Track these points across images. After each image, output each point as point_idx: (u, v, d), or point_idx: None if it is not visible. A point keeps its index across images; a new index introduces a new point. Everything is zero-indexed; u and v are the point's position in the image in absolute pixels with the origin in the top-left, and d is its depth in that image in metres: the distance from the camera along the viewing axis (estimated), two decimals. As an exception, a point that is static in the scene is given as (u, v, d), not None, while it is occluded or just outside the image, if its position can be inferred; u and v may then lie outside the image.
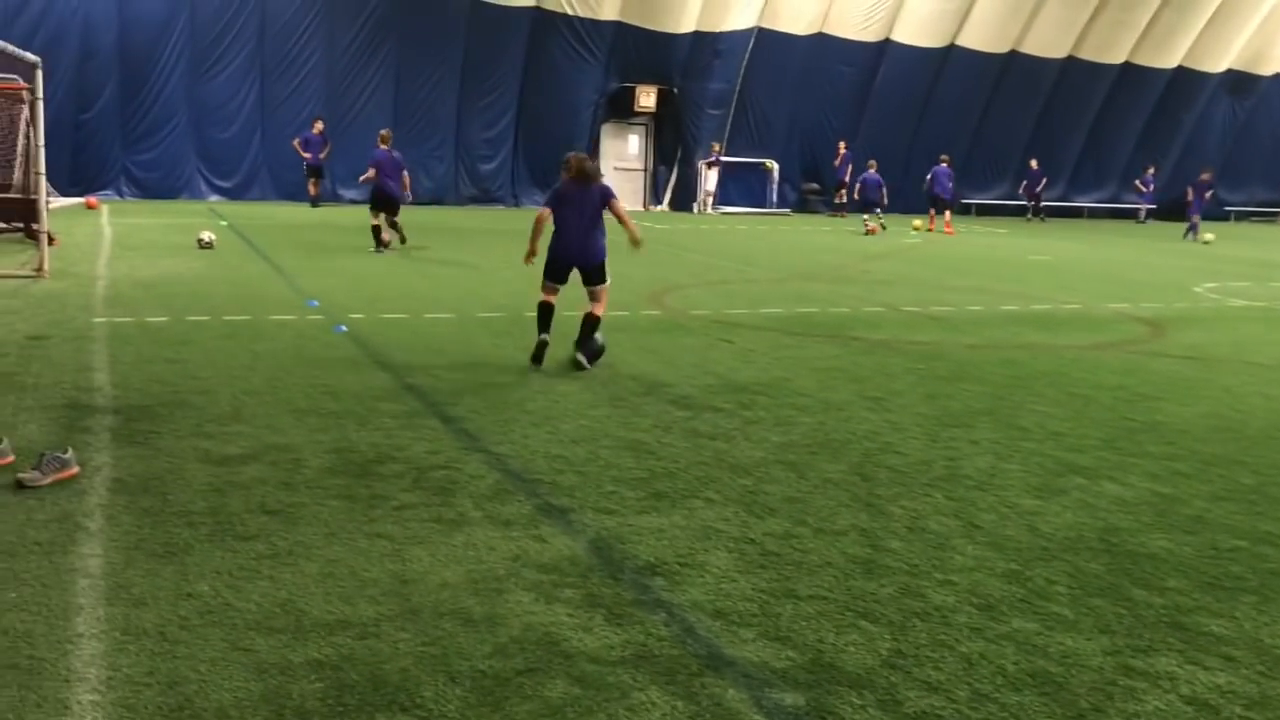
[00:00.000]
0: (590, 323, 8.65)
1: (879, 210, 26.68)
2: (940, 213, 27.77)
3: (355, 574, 4.37)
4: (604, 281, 8.79)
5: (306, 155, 26.98)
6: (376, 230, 16.98)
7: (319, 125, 27.06)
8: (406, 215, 18.05)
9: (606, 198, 8.69)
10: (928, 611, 4.18)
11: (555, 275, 8.81)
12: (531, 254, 8.82)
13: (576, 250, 8.69)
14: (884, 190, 27.50)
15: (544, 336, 8.63)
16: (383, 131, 17.98)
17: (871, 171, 27.48)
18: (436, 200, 30.26)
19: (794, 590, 4.37)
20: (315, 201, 27.12)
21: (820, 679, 3.62)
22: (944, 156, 29.16)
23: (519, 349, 9.32)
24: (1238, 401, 8.22)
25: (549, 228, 8.73)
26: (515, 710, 3.35)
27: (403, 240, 17.64)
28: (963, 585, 4.46)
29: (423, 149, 30.08)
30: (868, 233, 25.35)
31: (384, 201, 17.05)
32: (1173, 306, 13.94)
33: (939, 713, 3.41)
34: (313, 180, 27.23)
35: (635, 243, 8.90)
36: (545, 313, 8.72)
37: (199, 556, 4.49)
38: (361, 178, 18.24)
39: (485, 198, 31.13)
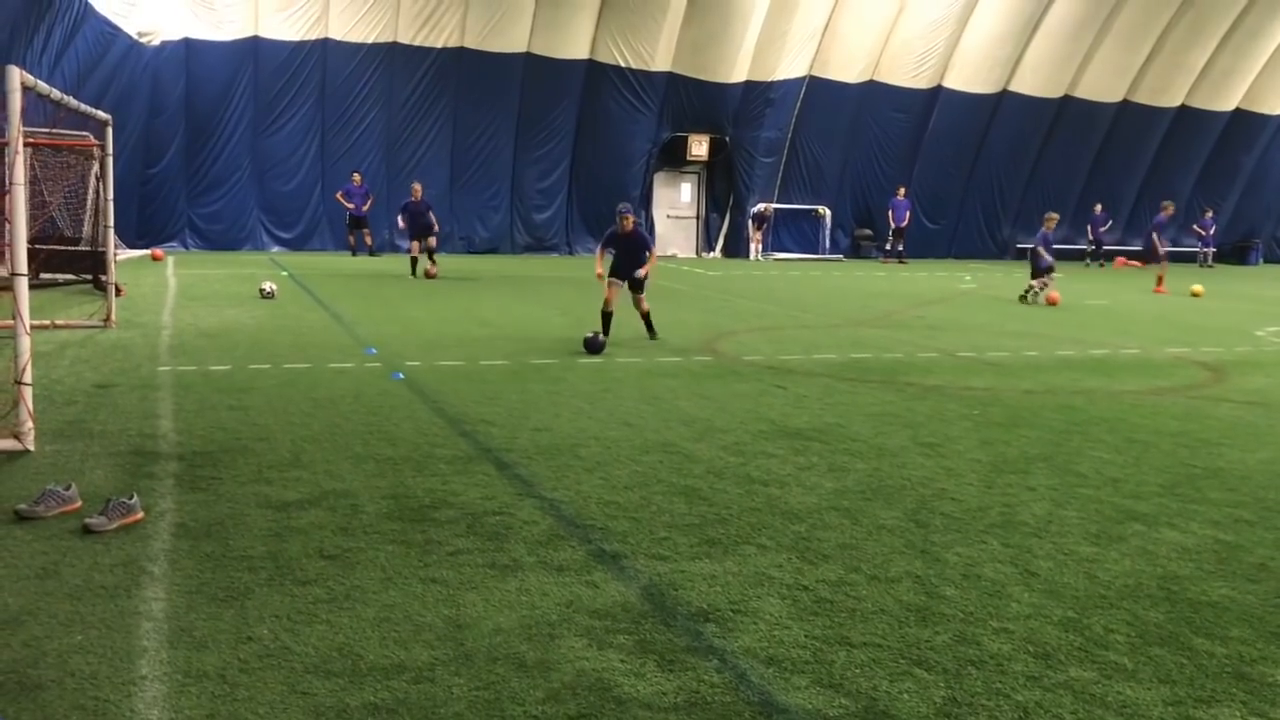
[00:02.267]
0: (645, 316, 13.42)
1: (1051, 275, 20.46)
2: (898, 241, 30.53)
3: (410, 618, 4.42)
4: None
5: (350, 206, 27.58)
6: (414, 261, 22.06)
7: (358, 177, 27.71)
8: (463, 263, 18.28)
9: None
10: (983, 659, 4.14)
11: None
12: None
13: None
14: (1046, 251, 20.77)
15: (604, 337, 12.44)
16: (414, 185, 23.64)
17: (1046, 229, 21.33)
18: (492, 249, 30.65)
19: (847, 637, 4.35)
20: (355, 251, 27.70)
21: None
22: (900, 188, 31.82)
23: (571, 395, 9.39)
24: (1303, 447, 8.06)
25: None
26: (568, 755, 3.38)
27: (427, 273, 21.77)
28: (1019, 633, 4.41)
29: (479, 199, 30.54)
30: (1049, 302, 19.87)
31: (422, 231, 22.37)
32: (1234, 351, 13.71)
33: (994, 763, 3.38)
34: (354, 231, 27.80)
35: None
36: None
37: (259, 600, 4.57)
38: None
39: (540, 246, 31.46)
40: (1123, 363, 12.48)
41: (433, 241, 22.48)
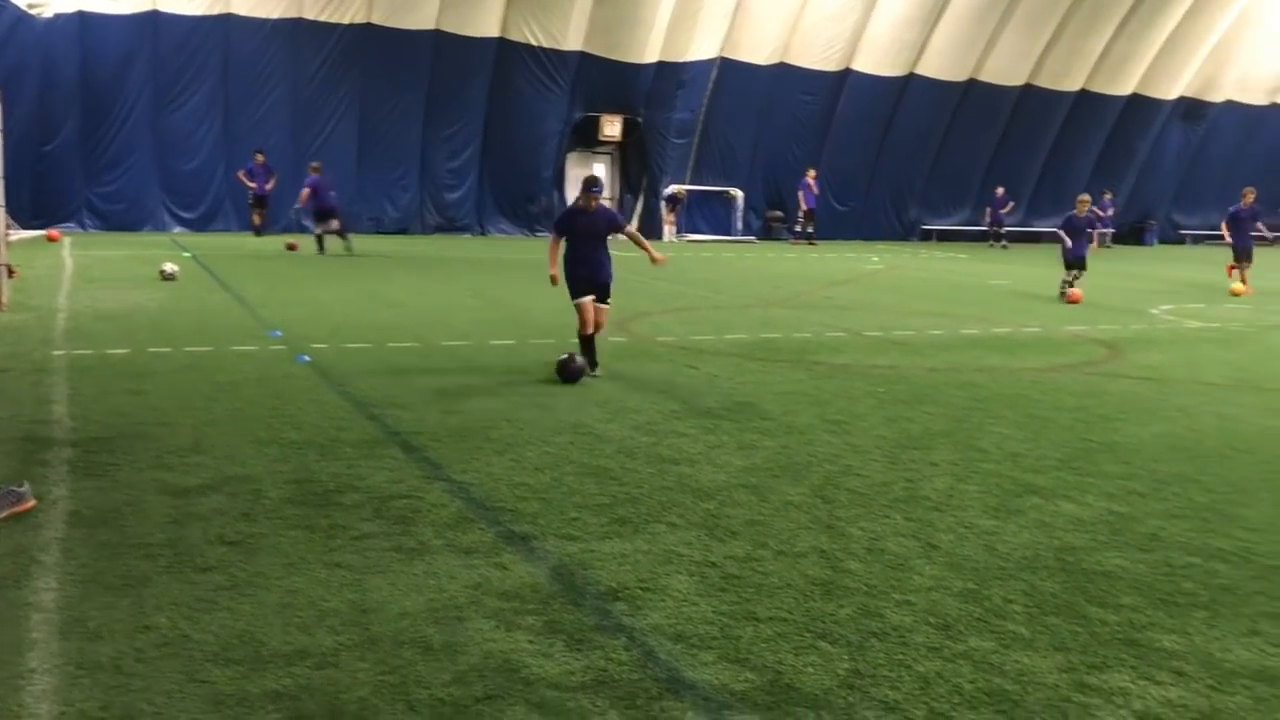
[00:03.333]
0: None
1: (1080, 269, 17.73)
2: (808, 222, 30.76)
3: (314, 604, 4.35)
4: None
5: (252, 185, 26.83)
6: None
7: (260, 157, 26.86)
8: (372, 244, 18.03)
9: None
10: (885, 631, 4.22)
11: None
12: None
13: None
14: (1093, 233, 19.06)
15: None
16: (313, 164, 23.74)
17: (1085, 210, 18.76)
18: (402, 230, 30.22)
19: (754, 613, 4.40)
20: (259, 231, 26.91)
21: (779, 700, 3.64)
22: (810, 170, 32.33)
23: (484, 377, 9.32)
24: (1192, 421, 8.35)
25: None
26: (474, 737, 3.36)
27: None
28: (920, 605, 4.50)
29: (388, 178, 30.07)
30: (1069, 301, 16.98)
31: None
32: (1130, 328, 14.14)
33: (895, 733, 3.44)
34: (257, 210, 27.07)
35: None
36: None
37: (157, 589, 4.46)
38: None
39: (450, 227, 31.11)
40: (1024, 341, 12.78)
41: (335, 223, 22.93)
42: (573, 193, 33.60)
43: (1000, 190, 35.16)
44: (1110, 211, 37.22)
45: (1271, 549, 5.32)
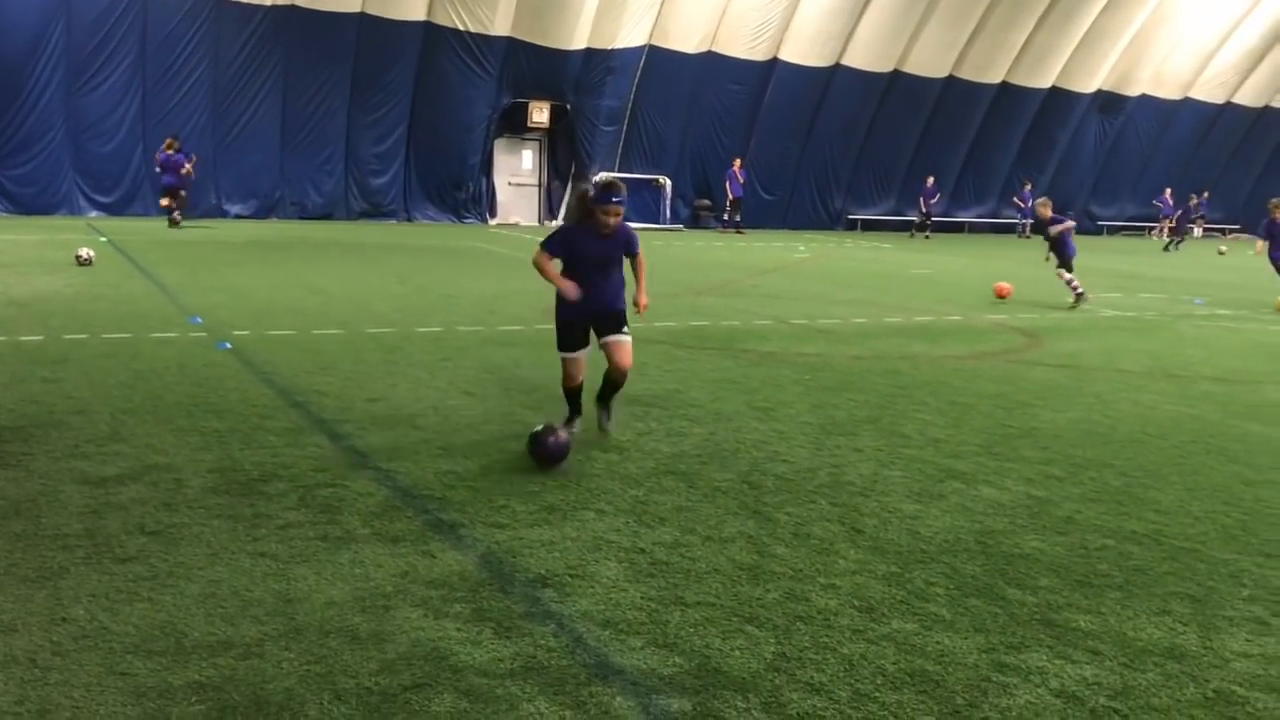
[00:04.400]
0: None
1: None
2: (735, 211, 31.37)
3: (238, 594, 4.29)
4: None
5: (165, 177, 25.18)
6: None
7: (172, 143, 24.76)
8: (296, 229, 17.74)
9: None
10: (811, 615, 4.28)
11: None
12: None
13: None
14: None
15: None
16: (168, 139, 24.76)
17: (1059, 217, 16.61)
18: (327, 215, 29.82)
19: (682, 598, 4.43)
20: (175, 222, 24.58)
21: (706, 684, 3.68)
22: (736, 159, 32.66)
23: (409, 364, 9.24)
24: (1108, 407, 8.57)
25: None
26: (402, 725, 3.34)
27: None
28: (845, 588, 4.57)
29: (312, 162, 29.63)
30: (1078, 298, 15.58)
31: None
32: (1048, 317, 14.45)
33: (821, 713, 3.49)
34: (169, 199, 24.82)
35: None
36: None
37: (74, 580, 4.36)
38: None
39: (377, 212, 30.77)
40: (945, 329, 13.00)
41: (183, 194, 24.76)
42: (502, 180, 33.41)
43: (930, 180, 35.67)
44: (1030, 203, 37.98)
45: (1180, 531, 5.49)
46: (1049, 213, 16.24)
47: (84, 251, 15.99)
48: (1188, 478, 6.54)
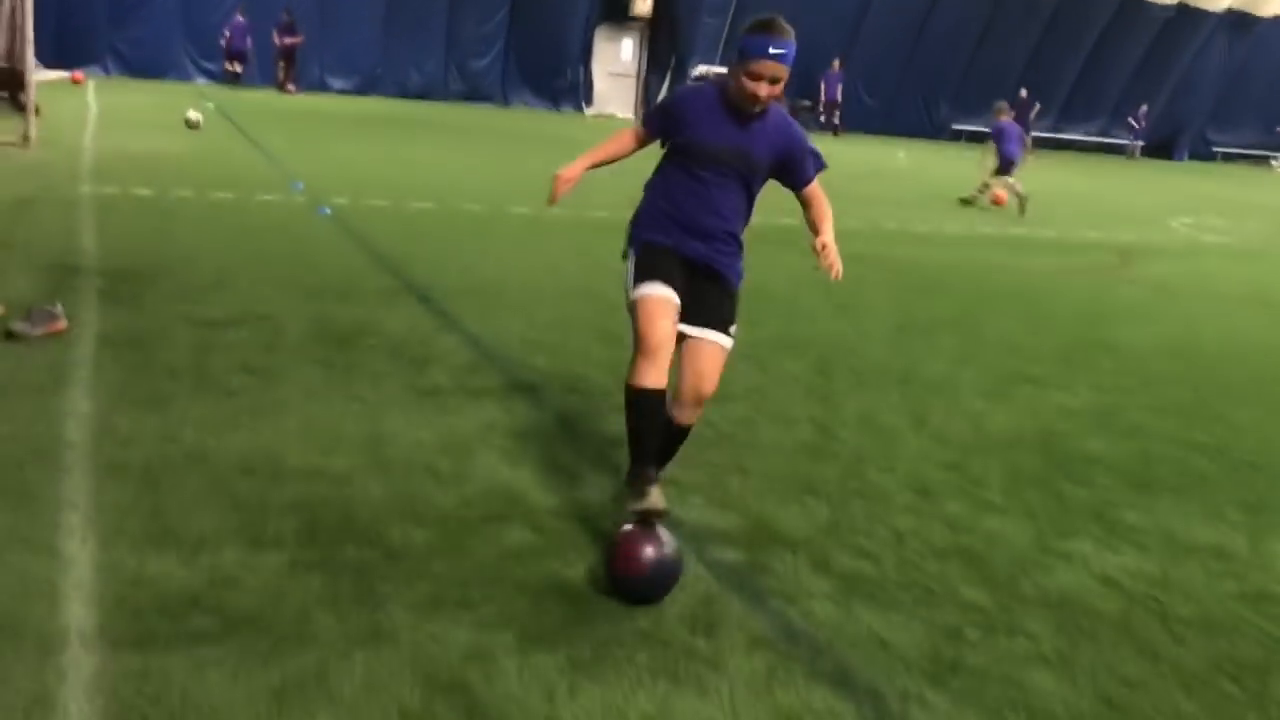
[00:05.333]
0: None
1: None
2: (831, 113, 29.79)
3: (331, 430, 4.60)
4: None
5: (290, 40, 27.15)
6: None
7: (286, 16, 27.21)
8: (395, 107, 18.02)
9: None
10: (866, 491, 4.46)
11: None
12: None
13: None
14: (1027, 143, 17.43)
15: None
16: None
17: (1005, 119, 17.01)
18: (425, 95, 30.04)
19: (744, 466, 4.64)
20: (282, 86, 27.35)
21: (759, 540, 3.89)
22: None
23: (498, 240, 9.48)
24: (1193, 328, 8.50)
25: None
26: (476, 551, 3.62)
27: None
28: (903, 471, 4.73)
29: (413, 42, 29.77)
30: (993, 202, 16.13)
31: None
32: (1146, 237, 14.17)
33: (866, 574, 3.69)
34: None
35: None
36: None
37: (182, 407, 4.71)
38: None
39: (475, 95, 30.90)
40: (1039, 243, 12.85)
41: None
42: (601, 69, 33.20)
43: (1024, 93, 34.59)
44: (1144, 124, 36.72)
45: (1247, 446, 5.54)
46: (1004, 117, 16.30)
47: (193, 115, 16.43)
48: (1265, 400, 6.53)
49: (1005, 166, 15.67)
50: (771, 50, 3.65)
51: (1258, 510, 4.63)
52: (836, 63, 32.57)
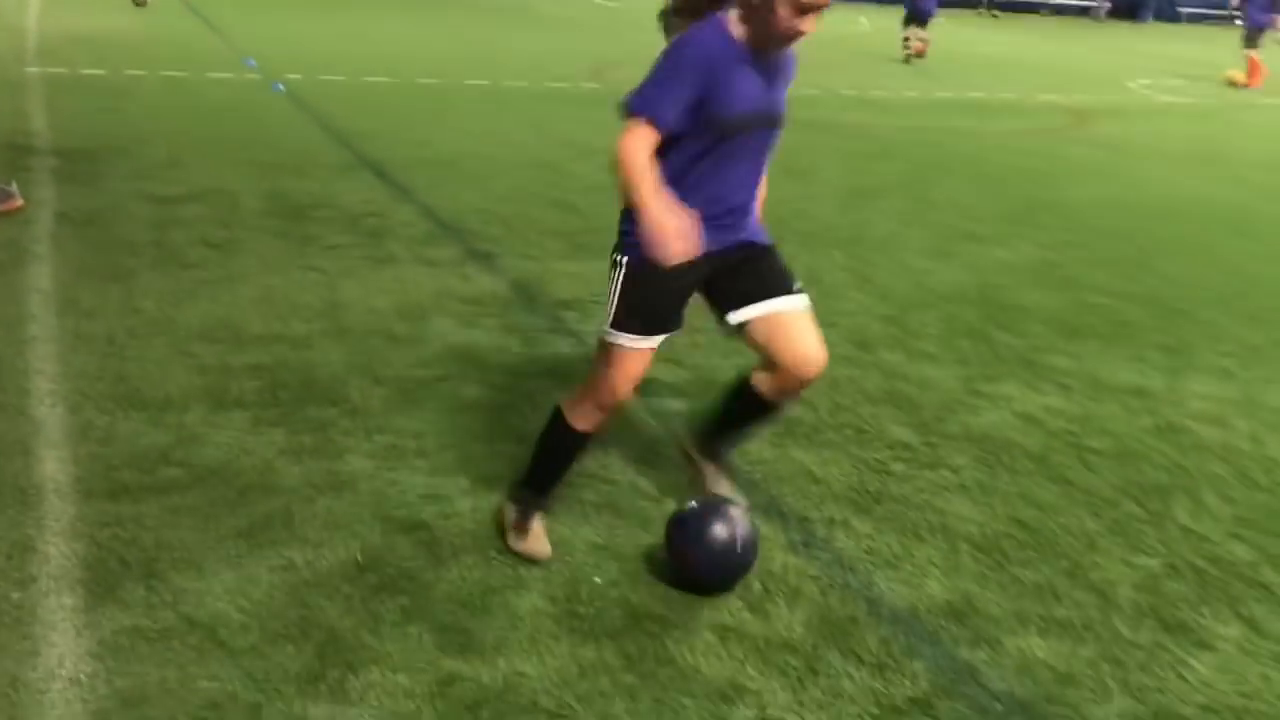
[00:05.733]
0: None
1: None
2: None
3: (289, 299, 4.74)
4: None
5: None
6: None
7: None
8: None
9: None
10: (808, 343, 4.65)
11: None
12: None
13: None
14: None
15: None
16: None
17: None
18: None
19: (694, 326, 4.80)
20: None
21: (703, 391, 4.09)
22: None
23: (455, 114, 9.47)
24: (1139, 185, 8.68)
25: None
26: (432, 406, 3.81)
27: None
28: (844, 325, 4.93)
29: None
30: (913, 54, 17.07)
31: None
32: (1103, 99, 14.24)
33: (801, 419, 3.91)
34: None
35: None
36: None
37: (143, 280, 4.82)
38: None
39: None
40: (996, 106, 12.91)
41: None
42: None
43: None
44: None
45: (1178, 295, 5.76)
46: None
47: (140, -8, 16.05)
48: (1199, 251, 6.75)
49: None
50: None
51: (1178, 352, 4.88)
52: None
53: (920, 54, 17.13)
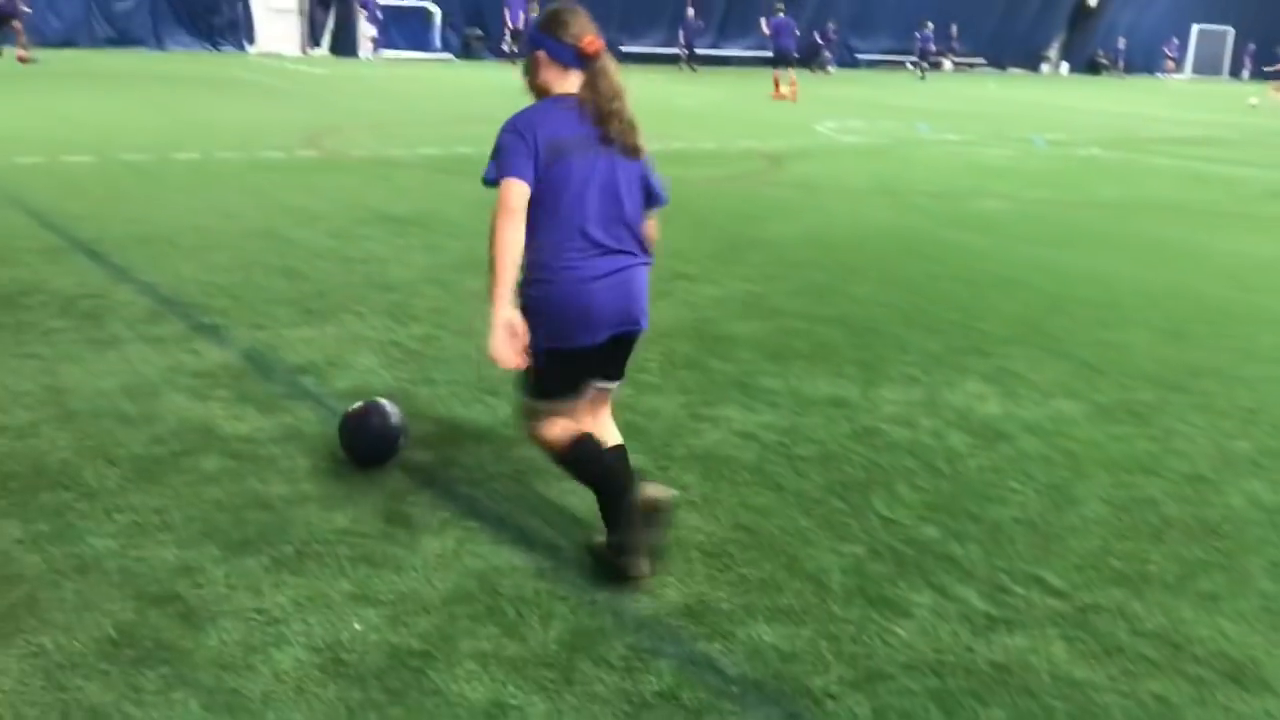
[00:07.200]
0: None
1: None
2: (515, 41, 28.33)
3: (7, 388, 4.58)
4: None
5: None
6: None
7: None
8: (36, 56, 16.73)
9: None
10: (542, 386, 4.92)
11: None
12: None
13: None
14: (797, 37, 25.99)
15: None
16: None
17: (782, 15, 26.30)
18: (68, 42, 27.82)
19: (432, 378, 5.00)
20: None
21: (447, 440, 4.29)
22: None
23: (166, 189, 9.25)
24: (829, 219, 9.52)
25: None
26: (172, 481, 3.81)
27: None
28: (574, 366, 5.23)
29: (45, -16, 27.42)
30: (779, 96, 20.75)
31: None
32: (794, 143, 15.41)
33: (534, 457, 4.16)
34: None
35: None
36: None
37: None
38: None
39: (125, 39, 28.91)
40: (698, 155, 13.74)
41: (16, 24, 21.22)
42: (259, 4, 31.77)
43: (691, 12, 36.01)
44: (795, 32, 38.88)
45: (866, 314, 6.42)
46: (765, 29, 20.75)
47: None
48: (884, 274, 7.51)
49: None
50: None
51: (870, 366, 5.46)
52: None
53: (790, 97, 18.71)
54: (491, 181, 3.27)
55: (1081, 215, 10.54)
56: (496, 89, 22.35)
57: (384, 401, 4.07)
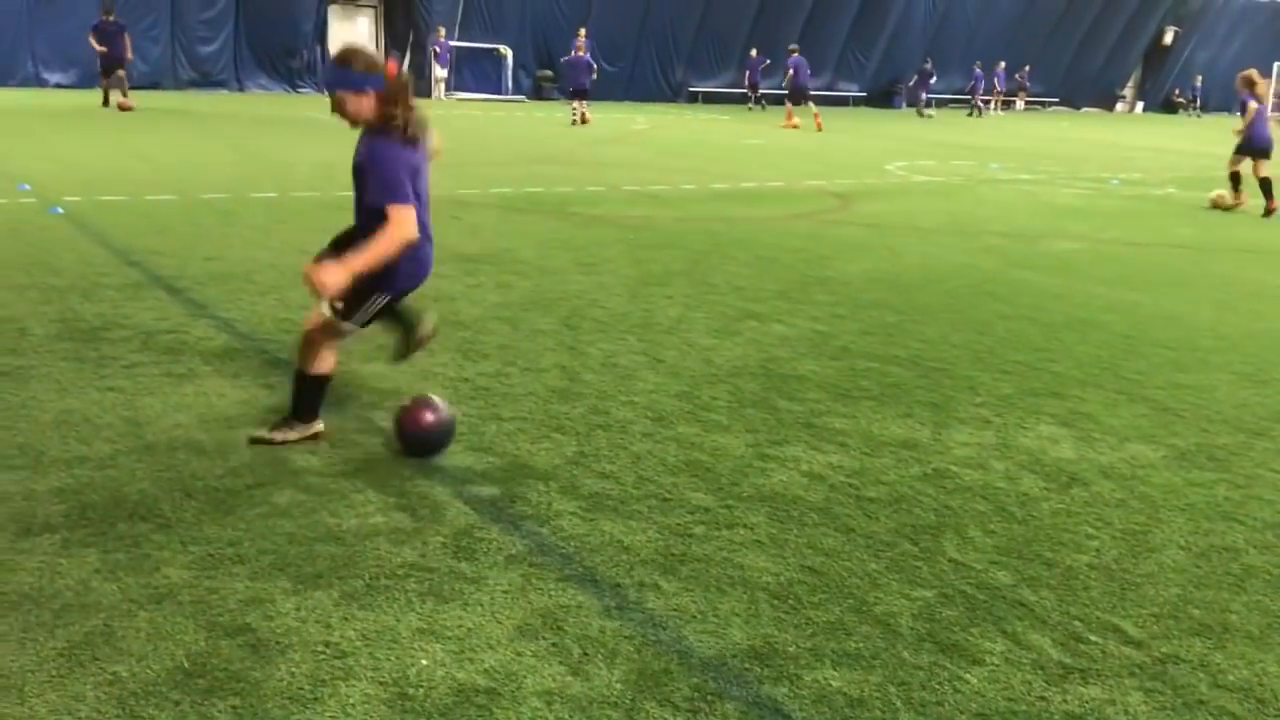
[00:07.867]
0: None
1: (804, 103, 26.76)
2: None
3: (89, 420, 4.70)
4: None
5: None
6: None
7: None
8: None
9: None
10: (609, 424, 4.94)
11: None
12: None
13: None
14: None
15: None
16: None
17: (796, 54, 27.76)
18: (153, 84, 28.71)
19: (499, 414, 5.04)
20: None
21: (514, 475, 4.31)
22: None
23: (244, 226, 9.47)
24: (898, 259, 9.46)
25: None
26: (245, 514, 3.87)
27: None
28: (641, 404, 5.25)
29: (135, 29, 28.29)
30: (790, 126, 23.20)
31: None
32: (863, 182, 15.37)
33: (609, 492, 4.17)
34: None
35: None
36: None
37: (-71, 413, 4.69)
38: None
39: (207, 81, 29.77)
40: (766, 194, 13.77)
41: (121, 72, 21.65)
42: (337, 48, 32.47)
43: (754, 52, 36.22)
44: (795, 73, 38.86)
45: (937, 355, 6.35)
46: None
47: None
48: (954, 315, 7.44)
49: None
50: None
51: (941, 408, 5.40)
52: (583, 32, 33.06)
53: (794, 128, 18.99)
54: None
55: (1157, 256, 10.36)
56: (565, 131, 22.61)
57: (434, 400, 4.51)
